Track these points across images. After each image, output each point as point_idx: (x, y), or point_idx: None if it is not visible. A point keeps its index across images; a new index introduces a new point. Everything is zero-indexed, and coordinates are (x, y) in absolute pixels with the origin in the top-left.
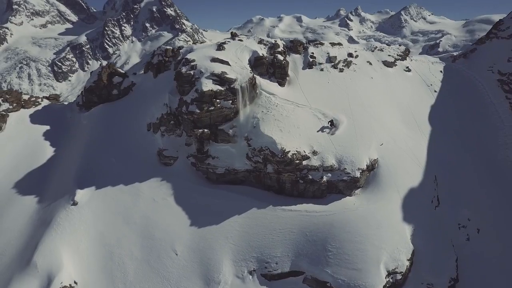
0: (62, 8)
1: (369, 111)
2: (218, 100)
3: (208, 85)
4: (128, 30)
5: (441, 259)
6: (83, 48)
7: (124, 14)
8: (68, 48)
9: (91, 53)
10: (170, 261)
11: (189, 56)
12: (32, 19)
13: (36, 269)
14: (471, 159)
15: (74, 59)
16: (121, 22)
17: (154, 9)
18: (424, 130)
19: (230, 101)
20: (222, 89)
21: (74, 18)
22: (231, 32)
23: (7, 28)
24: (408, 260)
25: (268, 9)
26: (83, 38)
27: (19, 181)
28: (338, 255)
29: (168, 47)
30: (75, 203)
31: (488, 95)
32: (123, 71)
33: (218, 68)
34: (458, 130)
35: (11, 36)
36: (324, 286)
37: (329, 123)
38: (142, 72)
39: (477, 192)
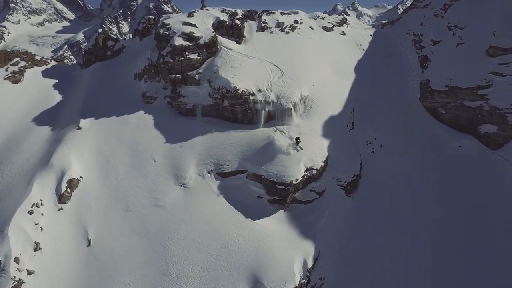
0: (59, 6)
1: (306, 62)
2: (187, 53)
3: (179, 42)
4: (125, 27)
5: (348, 162)
6: (81, 46)
7: (121, 11)
8: (66, 46)
9: None
10: (150, 165)
11: (166, 21)
12: (29, 18)
13: (53, 167)
14: (383, 97)
15: (72, 57)
16: (118, 20)
17: (151, 6)
18: (349, 77)
19: (196, 54)
20: (190, 44)
21: (71, 16)
22: (202, 2)
23: (4, 27)
24: (323, 162)
25: (265, 4)
26: (80, 36)
27: (36, 117)
28: (271, 157)
29: (150, 16)
30: (79, 128)
31: (405, 52)
32: (115, 37)
33: (187, 29)
34: (376, 77)
35: (8, 35)
36: (260, 178)
37: (296, 139)
38: (131, 37)
39: (384, 120)
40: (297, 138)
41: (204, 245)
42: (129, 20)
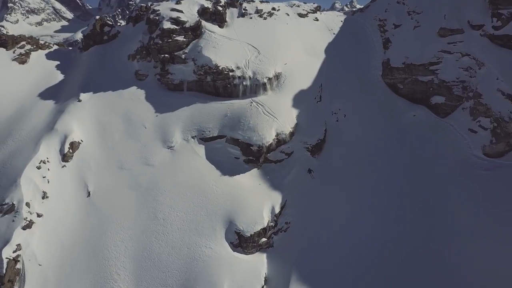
0: (58, 5)
1: (280, 44)
2: (174, 35)
3: (167, 25)
4: None
5: (314, 129)
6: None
7: (119, 10)
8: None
9: None
10: (141, 131)
11: (156, 7)
12: (28, 17)
13: (57, 132)
14: (349, 74)
15: None
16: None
17: (149, 5)
18: (319, 57)
19: (183, 36)
20: (177, 28)
21: (69, 15)
22: None
23: (3, 27)
24: (291, 128)
25: None
26: (79, 35)
27: (41, 92)
28: (246, 124)
29: (143, 4)
30: (80, 100)
31: (371, 35)
32: (111, 23)
33: (175, 14)
34: (344, 57)
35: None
36: (237, 142)
37: (308, 170)
38: (125, 24)
39: (349, 94)
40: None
41: (187, 196)
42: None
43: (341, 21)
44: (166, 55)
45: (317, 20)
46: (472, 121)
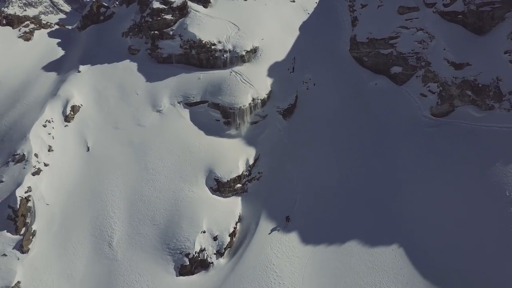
0: None
1: (259, 22)
2: (163, 14)
3: (157, 5)
4: None
5: (286, 95)
6: None
7: (117, 2)
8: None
9: None
10: (133, 97)
11: None
12: (25, 10)
13: (60, 97)
14: (321, 49)
15: None
16: (113, 5)
17: None
18: (293, 34)
19: (170, 15)
20: (166, 7)
21: (67, 8)
22: None
23: None
24: (266, 94)
25: None
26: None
27: (44, 66)
28: (226, 91)
29: None
30: (79, 71)
31: (341, 15)
32: (107, 5)
33: None
34: (316, 34)
35: None
36: (218, 106)
37: (286, 218)
38: (119, 5)
39: (319, 66)
40: (288, 218)
41: (173, 150)
42: None
43: (316, 2)
44: (155, 31)
45: (294, 1)
46: (423, 87)
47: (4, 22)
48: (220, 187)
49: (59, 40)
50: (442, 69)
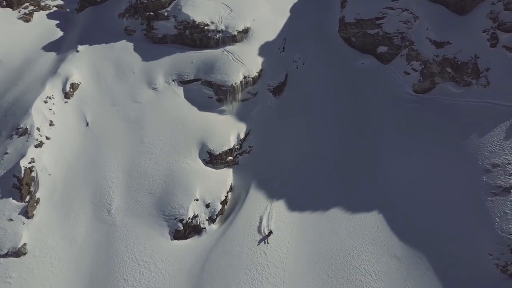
0: None
1: (251, 4)
2: None
3: None
4: None
5: (276, 74)
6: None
7: None
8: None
9: None
10: (130, 75)
11: None
12: None
13: (60, 75)
14: (311, 30)
15: None
16: None
17: None
18: (284, 15)
19: None
20: None
21: None
22: None
23: None
24: (257, 72)
25: None
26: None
27: (44, 46)
28: (218, 69)
29: None
30: (78, 51)
31: None
32: None
33: None
34: (306, 15)
35: None
36: (210, 83)
37: (269, 232)
38: None
39: (309, 46)
40: (270, 232)
41: (168, 125)
42: None
43: None
44: (151, 13)
45: None
46: (406, 65)
47: (4, 3)
48: (212, 160)
49: (58, 22)
50: (425, 48)
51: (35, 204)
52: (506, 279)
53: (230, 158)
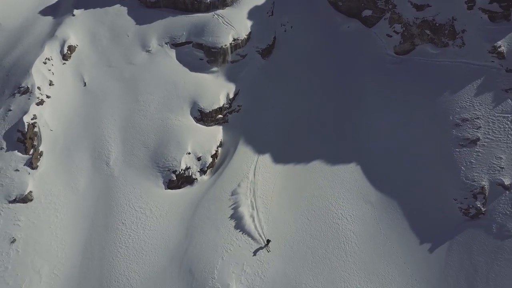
0: None
1: None
2: None
3: None
4: None
5: (265, 36)
6: None
7: None
8: None
9: None
10: (124, 39)
11: None
12: None
13: (57, 37)
14: None
15: None
16: None
17: None
18: None
19: None
20: None
21: None
22: None
23: None
24: (246, 35)
25: None
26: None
27: (41, 10)
28: (209, 32)
29: None
30: (73, 15)
31: None
32: None
33: None
34: None
35: None
36: (201, 46)
37: (267, 241)
38: None
39: (297, 11)
40: (268, 241)
41: (161, 85)
42: None
43: None
44: None
45: None
46: (389, 28)
47: None
48: (203, 117)
49: None
50: (406, 11)
51: (38, 157)
52: (467, 220)
53: (220, 116)
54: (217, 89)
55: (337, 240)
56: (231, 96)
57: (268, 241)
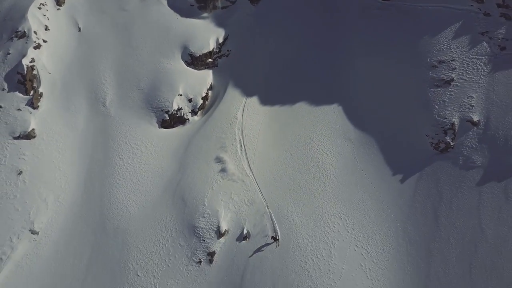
0: None
1: None
2: None
3: None
4: None
5: None
6: None
7: None
8: None
9: None
10: None
11: None
12: None
13: None
14: None
15: None
16: None
17: None
18: None
19: None
20: None
21: None
22: None
23: None
24: None
25: None
26: None
27: None
28: None
29: None
30: None
31: None
32: None
33: None
34: None
35: None
36: None
37: (272, 238)
38: None
39: None
40: (273, 237)
41: (153, 30)
42: None
43: None
44: None
45: None
46: None
47: None
48: (194, 61)
49: None
50: None
51: (38, 97)
52: (437, 153)
53: (210, 60)
54: (207, 34)
55: (317, 172)
56: (221, 41)
57: (274, 237)
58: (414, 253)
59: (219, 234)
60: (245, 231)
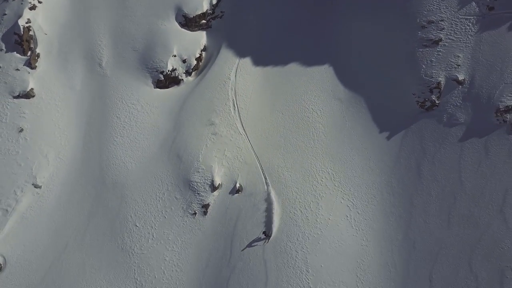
0: None
1: None
2: None
3: None
4: None
5: None
6: None
7: None
8: None
9: None
10: None
11: None
12: None
13: None
14: None
15: None
16: None
17: None
18: None
19: None
20: None
21: None
22: None
23: None
24: None
25: None
26: None
27: None
28: None
29: None
30: None
31: None
32: None
33: None
34: None
35: None
36: None
37: (263, 233)
38: None
39: None
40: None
41: None
42: None
43: None
44: None
45: None
46: None
47: None
48: (187, 23)
49: None
50: None
51: (36, 58)
52: (422, 112)
53: (204, 21)
54: None
55: (307, 130)
56: (214, 2)
57: (265, 233)
58: (397, 204)
59: (213, 187)
60: (237, 185)
